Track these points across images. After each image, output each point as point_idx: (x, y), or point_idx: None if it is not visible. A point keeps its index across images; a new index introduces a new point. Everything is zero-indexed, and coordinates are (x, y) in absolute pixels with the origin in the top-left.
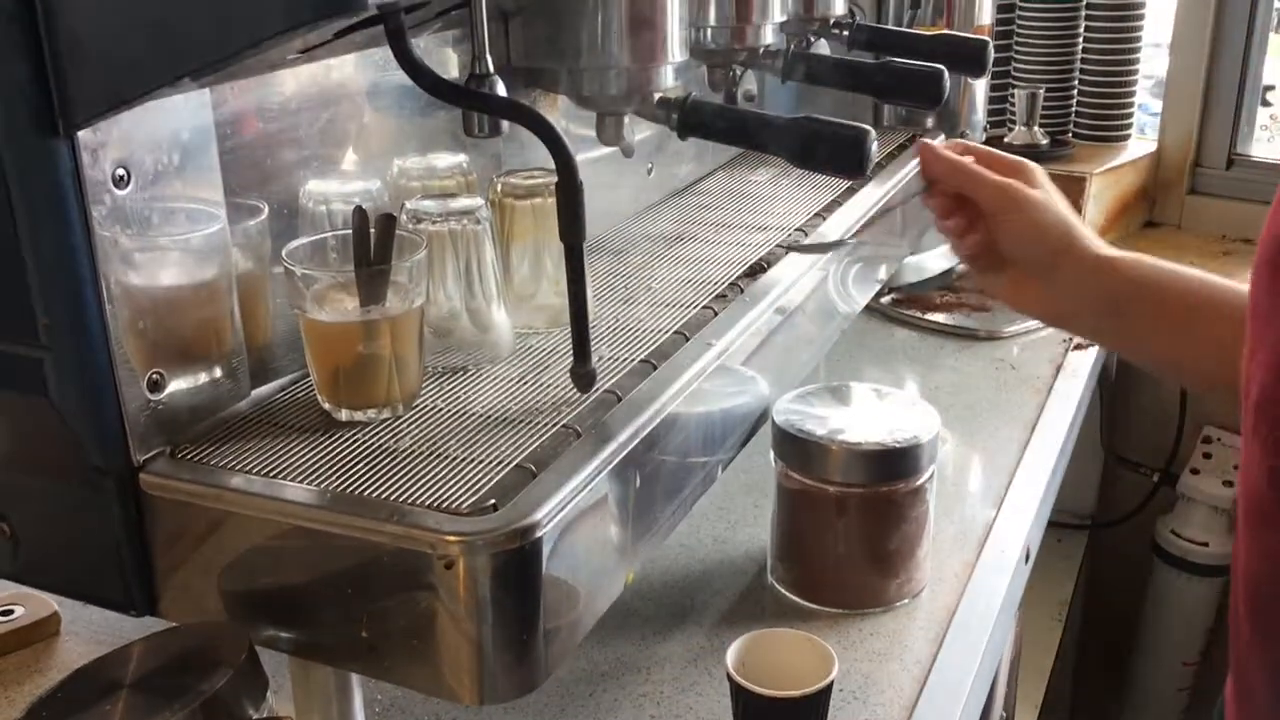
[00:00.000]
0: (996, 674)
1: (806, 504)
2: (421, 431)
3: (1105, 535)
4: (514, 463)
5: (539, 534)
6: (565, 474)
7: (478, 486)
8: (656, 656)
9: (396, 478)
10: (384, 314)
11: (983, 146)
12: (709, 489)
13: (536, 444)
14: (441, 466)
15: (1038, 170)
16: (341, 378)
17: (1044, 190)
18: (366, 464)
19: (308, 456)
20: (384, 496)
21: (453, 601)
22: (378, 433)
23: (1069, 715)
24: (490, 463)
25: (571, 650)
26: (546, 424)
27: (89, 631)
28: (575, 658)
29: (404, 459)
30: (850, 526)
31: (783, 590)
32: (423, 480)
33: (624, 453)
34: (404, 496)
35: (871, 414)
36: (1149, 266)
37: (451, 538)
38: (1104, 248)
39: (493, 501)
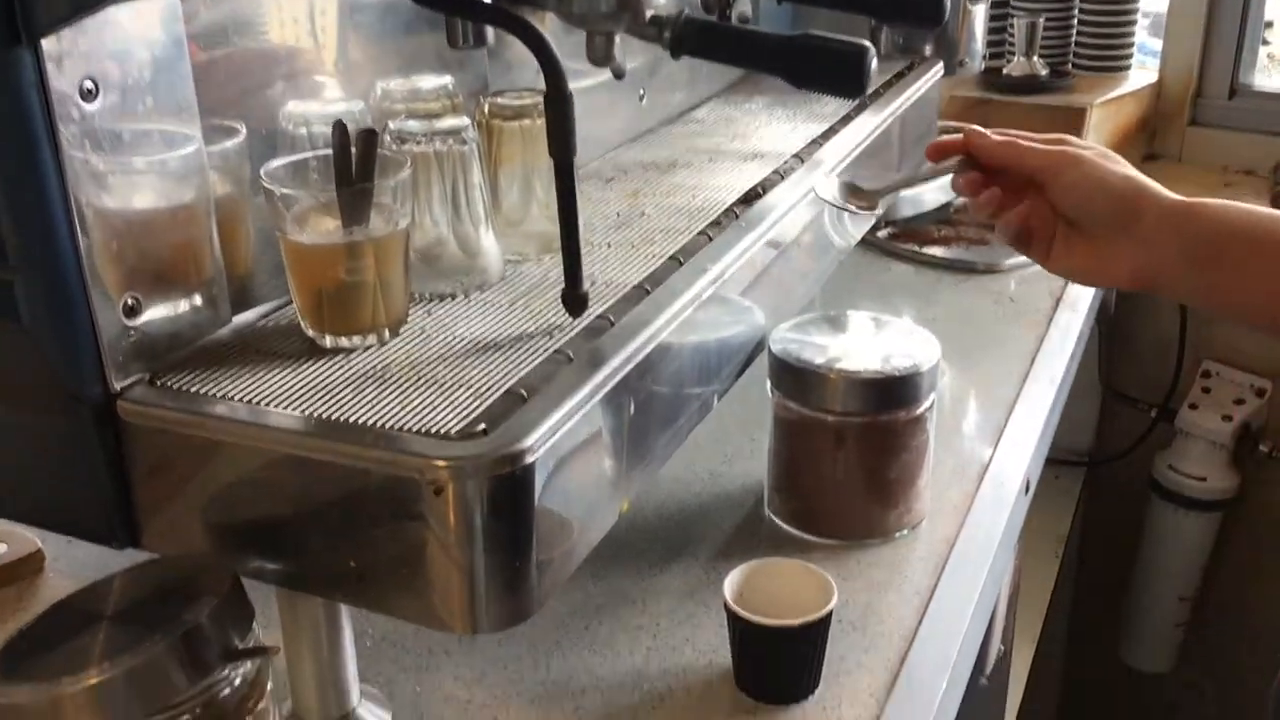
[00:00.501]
0: (995, 607)
1: (804, 434)
2: (408, 357)
3: (1103, 472)
4: (504, 388)
5: (530, 459)
6: (557, 399)
7: (467, 412)
8: (653, 589)
9: (383, 404)
10: (367, 235)
11: (1020, 133)
12: (705, 420)
13: (527, 369)
14: (429, 392)
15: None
16: (325, 303)
17: (1095, 149)
18: (352, 390)
19: (292, 384)
20: (370, 423)
21: (442, 529)
22: (363, 359)
23: (1066, 649)
24: (480, 388)
25: (565, 580)
26: (538, 349)
27: (73, 569)
28: (570, 591)
29: (391, 385)
30: (849, 457)
31: (780, 522)
32: (410, 406)
33: (617, 378)
34: (391, 422)
35: (870, 342)
36: (1237, 210)
37: (440, 463)
38: (1177, 196)
39: (483, 426)
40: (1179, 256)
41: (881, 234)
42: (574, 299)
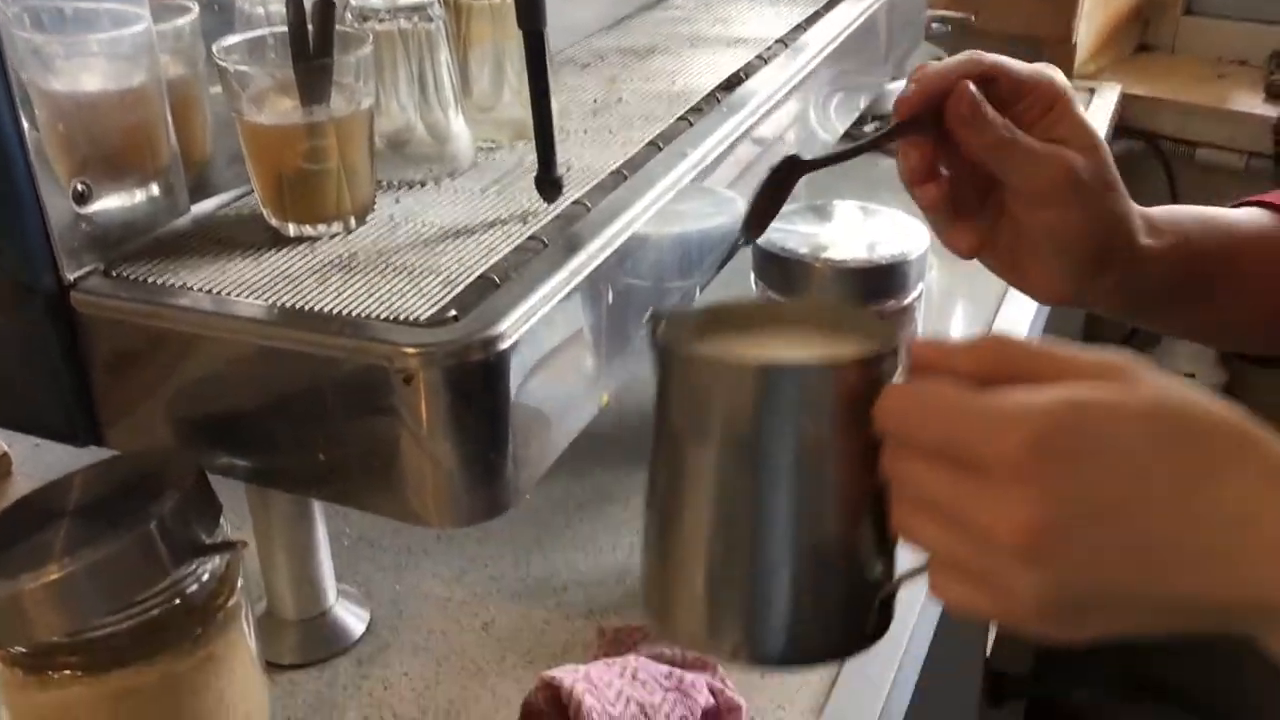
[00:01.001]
0: None
1: None
2: (376, 245)
3: None
4: (476, 274)
5: (503, 346)
6: (531, 285)
7: (437, 298)
8: (636, 485)
9: (350, 292)
10: (329, 115)
11: (998, 58)
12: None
13: (500, 256)
14: (398, 279)
15: (1064, 84)
16: (286, 188)
17: (1092, 146)
18: (317, 279)
19: (254, 273)
20: (337, 311)
21: (413, 419)
22: (329, 248)
23: None
24: (450, 275)
25: (542, 473)
26: (511, 236)
27: (40, 472)
28: (551, 488)
29: (357, 273)
30: None
31: None
32: (378, 294)
33: (594, 264)
34: (359, 310)
35: (857, 232)
36: (1206, 228)
37: (410, 350)
38: (1154, 225)
39: (454, 313)
40: (1154, 301)
41: (867, 129)
42: (548, 183)
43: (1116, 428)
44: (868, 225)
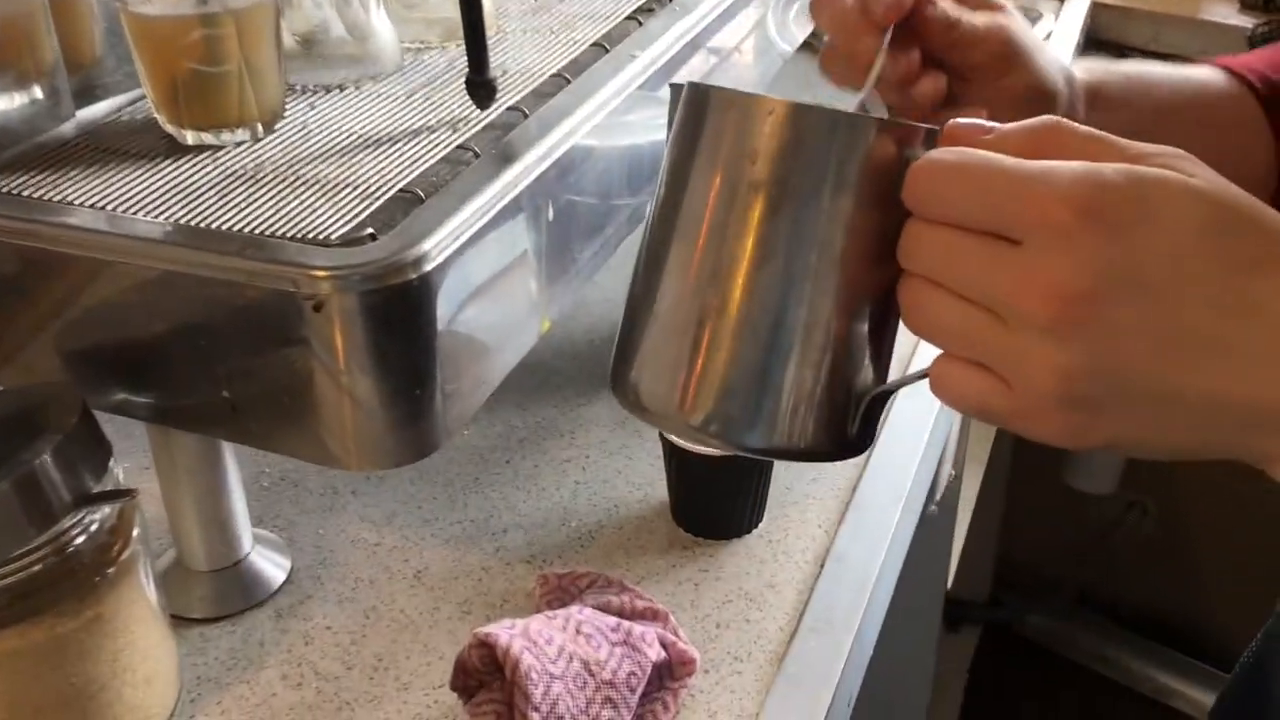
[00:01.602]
0: (949, 431)
1: None
2: (285, 155)
3: None
4: (397, 188)
5: (427, 268)
6: (459, 200)
7: (353, 215)
8: (581, 419)
9: (255, 207)
10: (225, 5)
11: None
12: (636, 231)
13: (425, 167)
14: (309, 194)
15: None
16: (182, 90)
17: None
18: (218, 193)
19: (147, 186)
20: (239, 228)
21: (326, 351)
22: (232, 158)
23: (1011, 473)
24: (368, 189)
25: (476, 409)
26: (438, 145)
27: None
28: (490, 423)
29: (263, 186)
30: None
31: None
32: (286, 210)
33: (531, 177)
34: (263, 228)
35: None
36: (1143, 83)
37: (320, 273)
38: (1084, 79)
39: (370, 231)
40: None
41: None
42: (480, 88)
43: (1169, 204)
44: None
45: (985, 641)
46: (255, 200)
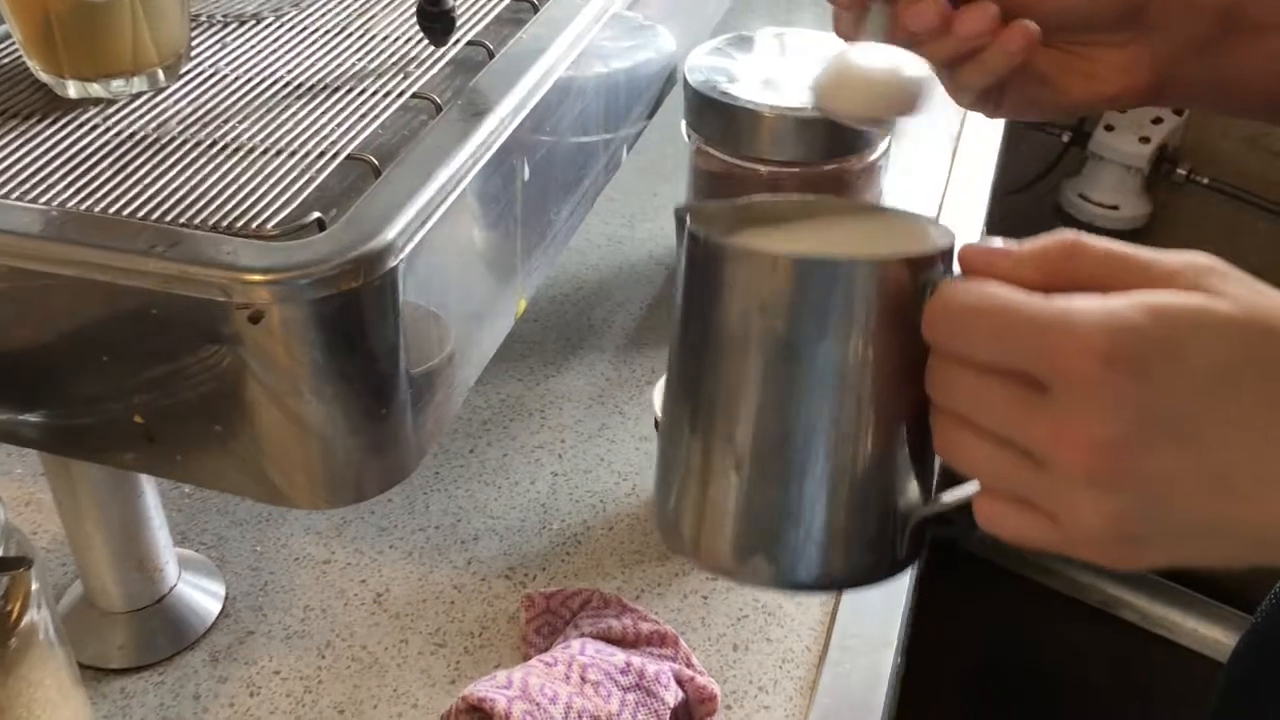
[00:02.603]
0: None
1: (731, 189)
2: (196, 111)
3: (1006, 204)
4: (344, 153)
5: (392, 262)
6: (424, 169)
7: (291, 193)
8: (551, 395)
9: (163, 184)
10: None
11: None
12: (612, 178)
13: (375, 124)
14: (231, 163)
15: None
16: (58, 28)
17: None
18: (113, 164)
19: (18, 157)
20: (145, 214)
21: (267, 370)
22: (128, 115)
23: None
24: (307, 154)
25: (450, 419)
26: (388, 93)
27: None
28: None
29: (172, 153)
30: None
31: None
32: (204, 185)
33: (506, 133)
34: (177, 213)
35: (810, 71)
36: None
37: (256, 276)
38: None
39: (317, 216)
40: (1188, 43)
41: None
42: (435, 18)
43: (1197, 339)
44: (810, 60)
45: (933, 562)
46: (162, 173)
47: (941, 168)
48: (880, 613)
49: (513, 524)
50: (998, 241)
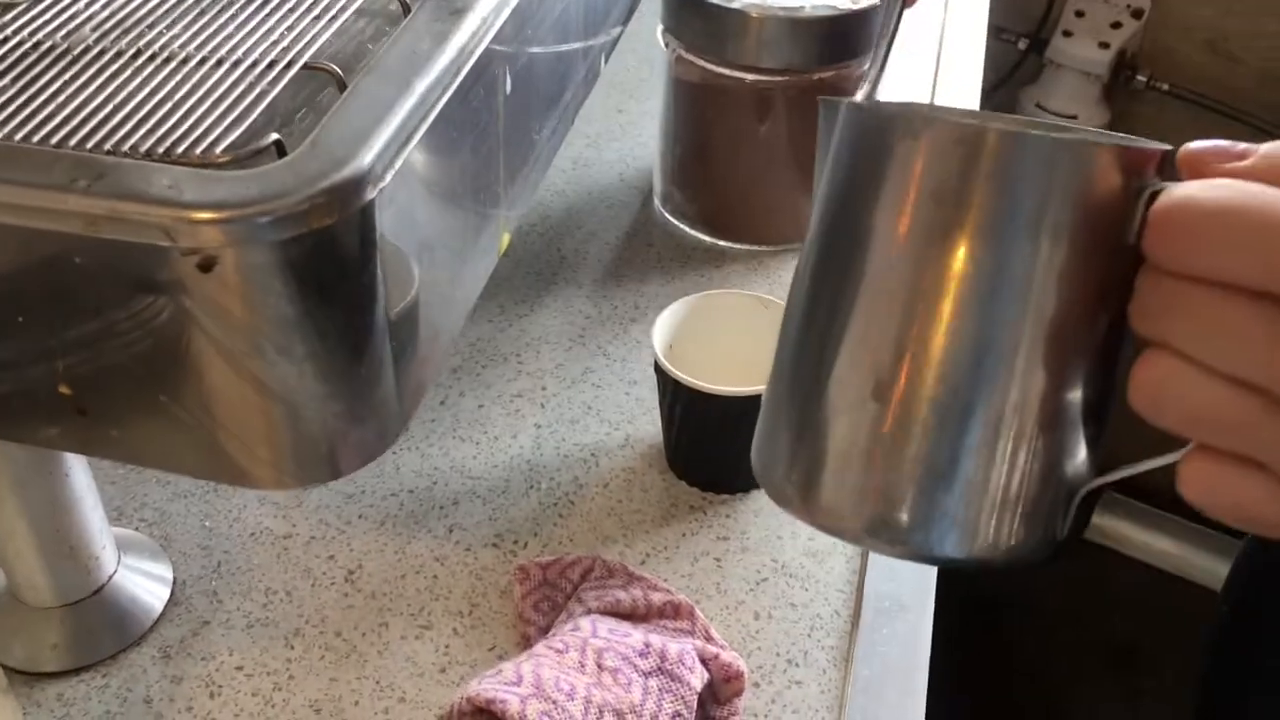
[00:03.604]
0: None
1: (714, 102)
2: (115, 15)
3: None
4: (299, 62)
5: (369, 194)
6: (399, 79)
7: (240, 111)
8: (526, 335)
9: (79, 103)
10: None
11: None
12: (590, 91)
13: (334, 25)
14: (162, 77)
15: None
16: None
17: None
18: (16, 80)
19: None
20: (60, 141)
21: (222, 326)
22: (31, 22)
23: None
24: (255, 65)
25: (436, 376)
26: None
27: None
28: None
29: (88, 67)
30: (777, 132)
31: (681, 225)
32: (131, 105)
33: (489, 34)
34: (99, 138)
35: None
36: None
37: (206, 214)
38: None
39: (274, 138)
40: None
41: None
42: None
43: None
44: None
45: None
46: (77, 90)
47: (926, 76)
48: (914, 569)
49: (496, 484)
50: (1222, 142)
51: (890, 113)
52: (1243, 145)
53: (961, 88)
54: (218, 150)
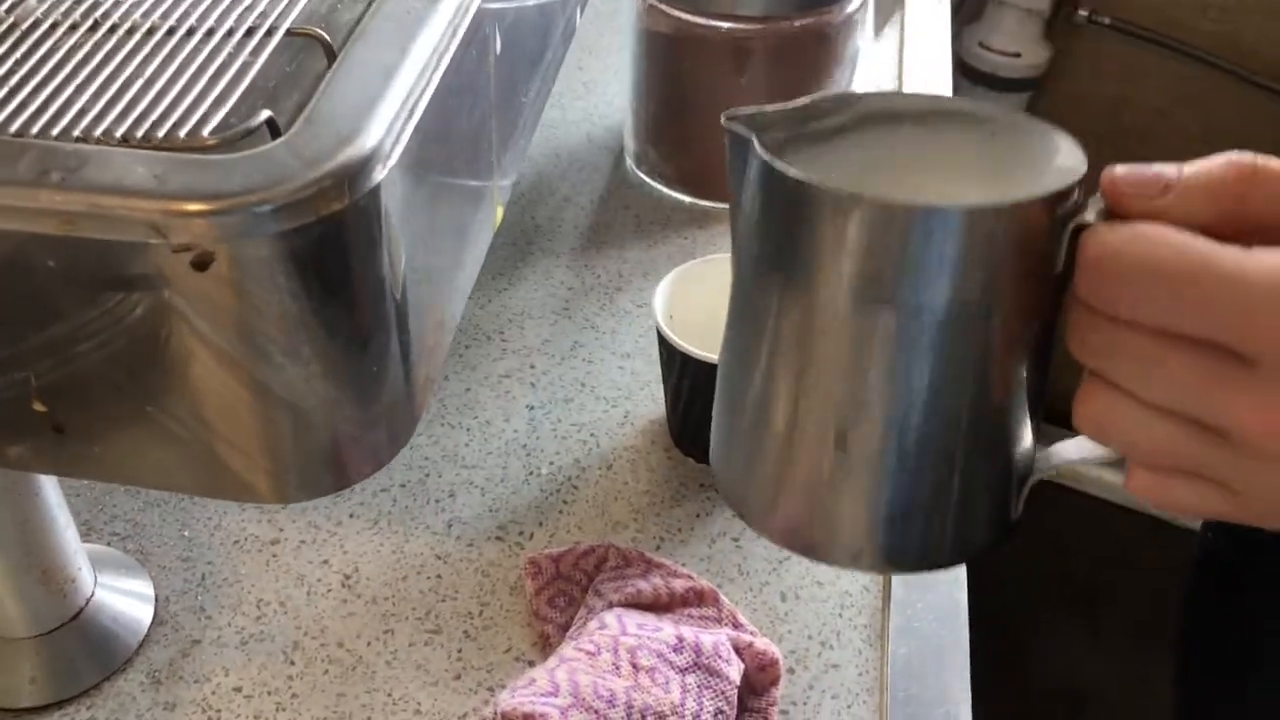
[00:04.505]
0: None
1: (689, 54)
2: None
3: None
4: (281, 28)
5: (378, 175)
6: (394, 43)
7: (222, 86)
8: (508, 311)
9: (39, 81)
10: None
11: None
12: (568, 48)
13: None
14: (127, 51)
15: None
16: None
17: None
18: None
19: None
20: (21, 128)
21: (219, 328)
22: None
23: None
24: (232, 34)
25: (443, 362)
26: None
27: None
28: None
29: (43, 42)
30: (757, 83)
31: (659, 185)
32: (97, 84)
33: None
34: (67, 123)
35: None
36: None
37: (198, 205)
38: None
39: (266, 115)
40: None
41: None
42: None
43: None
44: None
45: None
46: (33, 66)
47: (893, 25)
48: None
49: (493, 473)
50: (1150, 168)
51: (813, 190)
52: (1164, 175)
53: (931, 41)
54: (205, 132)
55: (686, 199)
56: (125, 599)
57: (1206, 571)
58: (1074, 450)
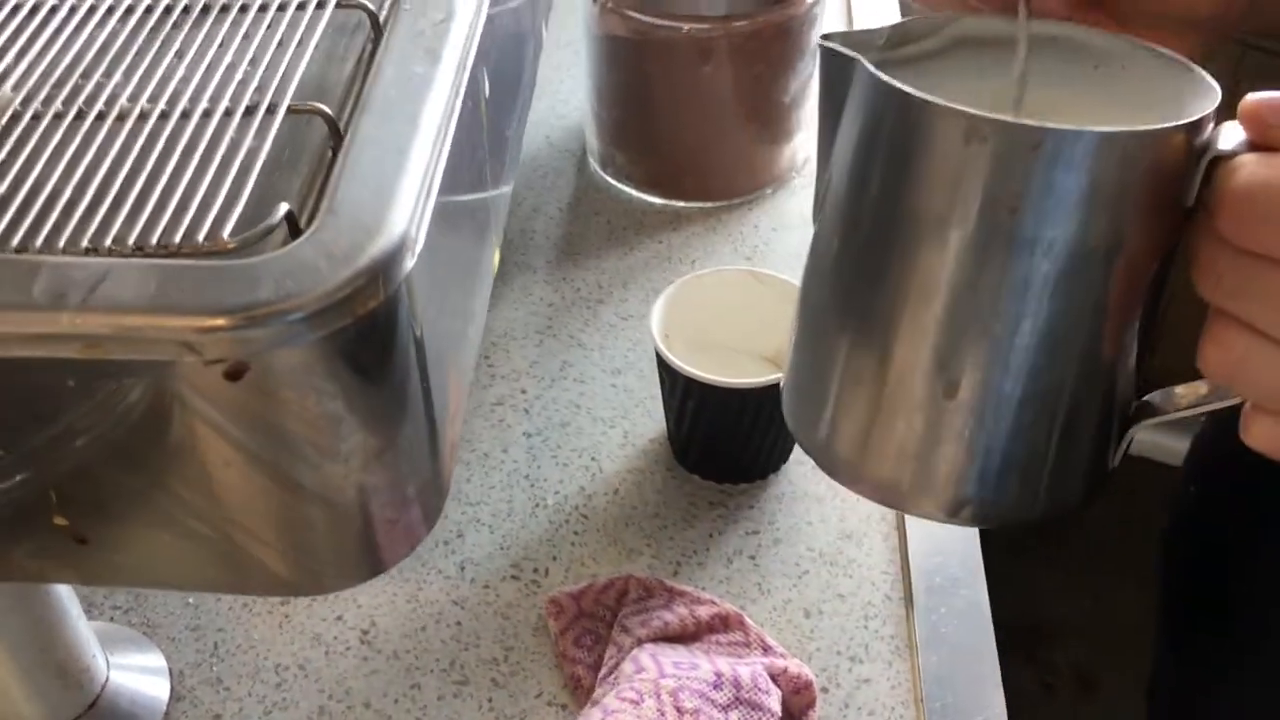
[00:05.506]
0: None
1: (650, 56)
2: (34, 61)
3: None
4: (281, 105)
5: (409, 264)
6: (401, 113)
7: (233, 176)
8: (491, 334)
9: (33, 183)
10: None
11: None
12: (539, 64)
13: (308, 55)
14: (124, 138)
15: None
16: None
17: None
18: None
19: None
20: (24, 243)
21: (252, 434)
22: None
23: None
24: (230, 113)
25: (462, 431)
26: (301, 5)
27: None
28: None
29: (27, 132)
30: (722, 82)
31: (628, 188)
32: (98, 179)
33: (476, 38)
34: (73, 231)
35: None
36: None
37: (224, 320)
38: None
39: (286, 210)
40: None
41: None
42: None
43: None
44: None
45: None
46: (23, 166)
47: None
48: (956, 538)
49: (498, 508)
50: None
51: (942, 110)
52: None
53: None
54: (224, 234)
55: (658, 201)
56: (140, 677)
57: (1186, 525)
58: (1187, 401)
